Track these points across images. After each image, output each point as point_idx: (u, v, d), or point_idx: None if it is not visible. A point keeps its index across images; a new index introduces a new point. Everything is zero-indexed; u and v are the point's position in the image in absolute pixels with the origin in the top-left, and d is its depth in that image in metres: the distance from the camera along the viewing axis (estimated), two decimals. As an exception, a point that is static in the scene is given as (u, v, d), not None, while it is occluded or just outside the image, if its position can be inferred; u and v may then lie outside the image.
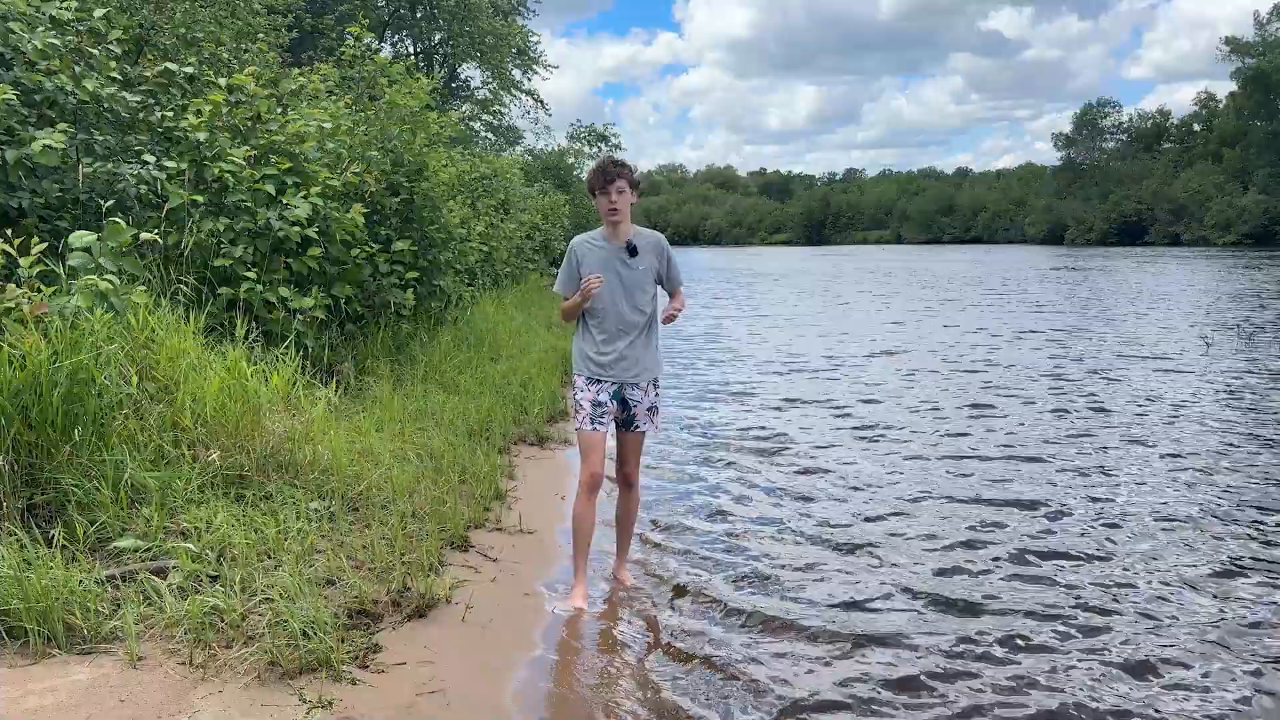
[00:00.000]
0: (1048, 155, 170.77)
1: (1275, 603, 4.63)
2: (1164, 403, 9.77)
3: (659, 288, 4.74)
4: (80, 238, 4.65)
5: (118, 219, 4.87)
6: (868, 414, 9.44)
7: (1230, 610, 4.55)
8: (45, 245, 4.49)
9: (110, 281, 4.48)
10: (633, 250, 4.57)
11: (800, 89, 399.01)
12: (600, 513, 4.82)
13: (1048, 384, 11.09)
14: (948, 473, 7.11)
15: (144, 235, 5.07)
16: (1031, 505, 6.24)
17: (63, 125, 5.51)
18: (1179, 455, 7.54)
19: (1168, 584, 4.88)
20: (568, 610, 4.44)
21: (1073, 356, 13.40)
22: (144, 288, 4.94)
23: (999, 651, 4.12)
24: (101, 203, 5.36)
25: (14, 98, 5.33)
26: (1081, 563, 5.19)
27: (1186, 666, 3.99)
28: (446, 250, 9.42)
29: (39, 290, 4.37)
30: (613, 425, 4.69)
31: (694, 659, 4.02)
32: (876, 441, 8.20)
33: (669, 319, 4.65)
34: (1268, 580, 4.92)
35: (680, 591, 4.80)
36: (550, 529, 5.46)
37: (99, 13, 6.69)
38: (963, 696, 3.73)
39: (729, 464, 7.44)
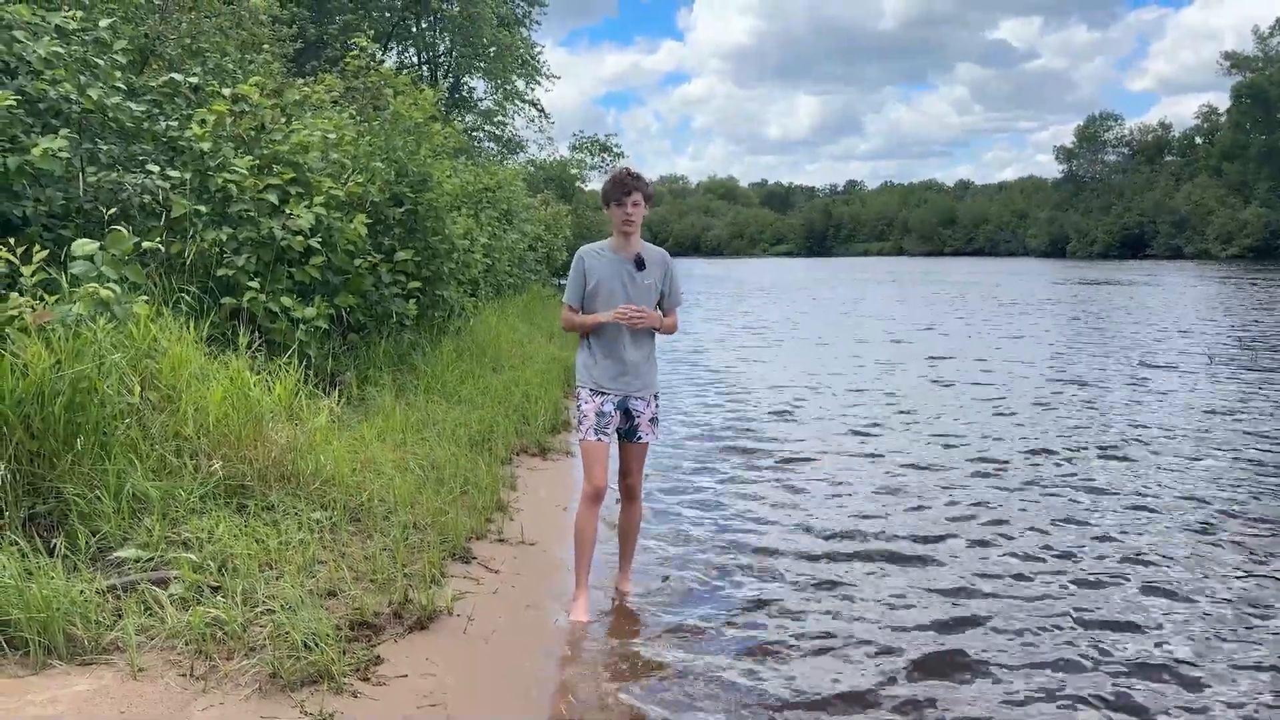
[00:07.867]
0: (1050, 168, 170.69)
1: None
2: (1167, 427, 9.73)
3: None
4: (83, 246, 4.66)
5: (119, 228, 4.87)
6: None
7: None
8: (46, 253, 4.49)
9: (112, 290, 4.49)
10: (640, 264, 4.54)
11: (801, 99, 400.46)
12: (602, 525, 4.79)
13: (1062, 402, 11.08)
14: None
15: (146, 244, 5.07)
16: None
17: (65, 131, 5.51)
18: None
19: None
20: (570, 623, 4.42)
21: (1077, 374, 13.38)
22: (146, 298, 4.93)
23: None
24: (104, 212, 5.36)
25: (14, 102, 5.32)
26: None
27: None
28: (450, 261, 9.43)
29: (42, 299, 4.36)
30: (614, 437, 4.67)
31: (698, 674, 3.98)
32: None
33: (621, 315, 4.43)
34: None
35: (685, 603, 4.76)
36: (552, 540, 5.43)
37: (104, 23, 6.71)
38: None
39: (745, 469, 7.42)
